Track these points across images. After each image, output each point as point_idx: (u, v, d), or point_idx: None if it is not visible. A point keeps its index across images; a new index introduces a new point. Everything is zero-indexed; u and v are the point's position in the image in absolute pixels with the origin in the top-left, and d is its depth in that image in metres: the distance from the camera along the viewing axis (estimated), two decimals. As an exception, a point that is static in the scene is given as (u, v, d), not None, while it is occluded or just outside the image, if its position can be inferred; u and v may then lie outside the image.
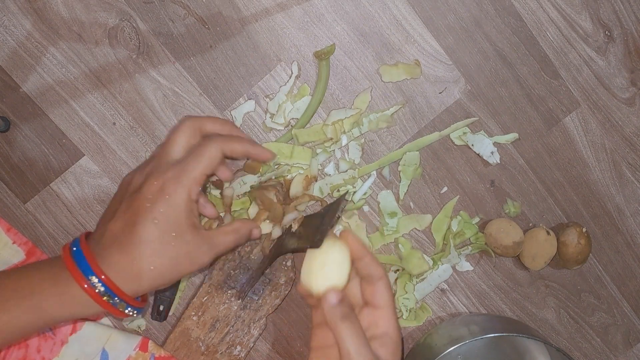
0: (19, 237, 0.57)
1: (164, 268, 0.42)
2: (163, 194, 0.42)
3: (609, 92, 0.62)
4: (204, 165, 0.44)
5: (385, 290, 0.44)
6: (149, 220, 0.41)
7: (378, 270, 0.44)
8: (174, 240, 0.42)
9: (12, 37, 0.57)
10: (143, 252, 0.41)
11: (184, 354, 0.58)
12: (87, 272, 0.41)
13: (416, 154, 0.60)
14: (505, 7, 0.59)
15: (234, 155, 0.46)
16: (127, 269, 0.41)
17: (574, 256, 0.61)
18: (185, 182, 0.43)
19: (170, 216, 0.42)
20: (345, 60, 0.59)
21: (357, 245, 0.45)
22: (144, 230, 0.41)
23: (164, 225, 0.42)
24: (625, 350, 0.67)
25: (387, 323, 0.43)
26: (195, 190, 0.43)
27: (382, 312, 0.43)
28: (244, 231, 0.48)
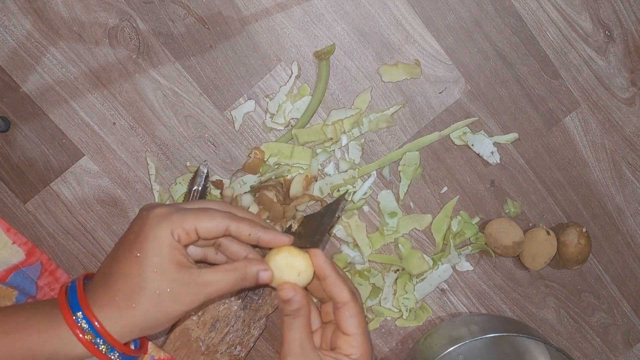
0: (19, 237, 0.57)
1: (145, 306, 0.39)
2: (146, 228, 0.40)
3: (609, 92, 0.62)
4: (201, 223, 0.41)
5: (350, 317, 0.42)
6: (131, 254, 0.40)
7: (342, 295, 0.43)
8: (156, 277, 0.39)
9: (12, 37, 0.57)
10: (123, 288, 0.39)
11: (184, 354, 0.58)
12: (74, 308, 0.39)
13: (416, 154, 0.60)
14: (505, 7, 0.59)
15: (242, 237, 0.43)
16: (111, 307, 0.39)
17: (574, 256, 0.61)
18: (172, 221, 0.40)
19: (151, 251, 0.39)
20: (345, 60, 0.59)
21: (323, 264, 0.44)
22: (125, 265, 0.40)
23: (145, 260, 0.39)
24: (625, 350, 0.67)
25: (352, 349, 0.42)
26: (182, 235, 0.40)
27: (350, 339, 0.42)
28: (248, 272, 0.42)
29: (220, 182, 0.59)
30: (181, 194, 0.59)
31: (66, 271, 0.60)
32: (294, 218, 0.59)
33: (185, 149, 0.60)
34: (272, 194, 0.57)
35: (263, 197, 0.57)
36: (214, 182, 0.59)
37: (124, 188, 0.60)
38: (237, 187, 0.59)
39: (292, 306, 0.42)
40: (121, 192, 0.60)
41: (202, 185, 0.58)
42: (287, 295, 0.42)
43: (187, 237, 0.41)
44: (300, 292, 0.43)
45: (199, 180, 0.58)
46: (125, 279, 0.39)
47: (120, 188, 0.60)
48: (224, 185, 0.60)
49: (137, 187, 0.60)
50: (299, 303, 0.42)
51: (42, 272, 0.58)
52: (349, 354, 0.42)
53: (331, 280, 0.43)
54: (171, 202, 0.60)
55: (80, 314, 0.39)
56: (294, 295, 0.42)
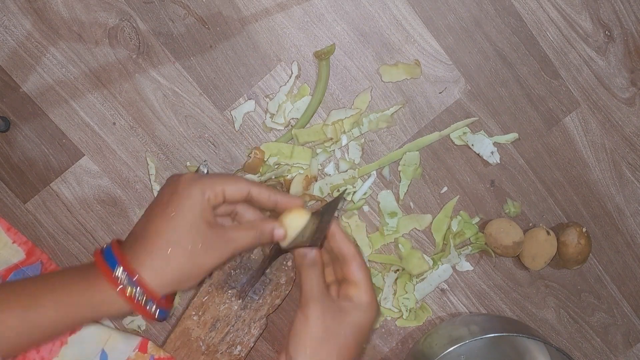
0: (19, 237, 0.57)
1: (180, 259, 0.42)
2: (179, 190, 0.44)
3: (609, 92, 0.62)
4: (227, 186, 0.45)
5: (359, 268, 0.47)
6: (165, 214, 0.43)
7: (349, 249, 0.47)
8: (188, 233, 0.43)
9: (12, 37, 0.57)
10: (157, 244, 0.42)
11: (184, 354, 0.58)
12: (112, 264, 0.42)
13: (416, 154, 0.60)
14: (505, 7, 0.59)
15: (261, 201, 0.47)
16: (148, 261, 0.42)
17: (574, 256, 0.61)
18: (202, 183, 0.44)
19: (185, 209, 0.43)
20: (345, 60, 0.59)
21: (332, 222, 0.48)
22: (159, 223, 0.43)
23: (179, 218, 0.43)
24: (625, 350, 0.67)
25: (360, 295, 0.46)
26: (211, 196, 0.44)
27: (356, 286, 0.46)
28: (265, 229, 0.47)
29: (220, 182, 0.59)
30: (181, 194, 0.59)
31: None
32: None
33: (185, 149, 0.60)
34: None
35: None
36: (214, 182, 0.59)
37: (124, 188, 0.60)
38: (237, 187, 0.59)
39: (308, 259, 0.46)
40: (121, 192, 0.60)
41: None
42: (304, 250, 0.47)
43: (215, 198, 0.44)
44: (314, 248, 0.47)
45: (199, 180, 0.58)
46: (161, 236, 0.42)
47: (120, 188, 0.60)
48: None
49: (137, 187, 0.60)
50: (314, 257, 0.46)
51: (42, 272, 0.58)
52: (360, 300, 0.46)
53: (339, 237, 0.47)
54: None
55: (119, 269, 0.41)
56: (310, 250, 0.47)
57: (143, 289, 0.42)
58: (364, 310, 0.46)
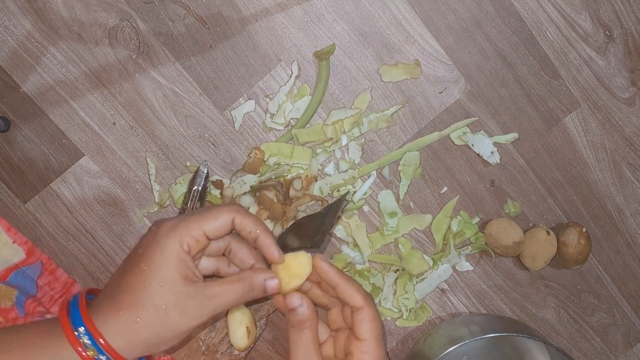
0: (19, 237, 0.58)
1: (151, 320, 0.38)
2: (154, 241, 0.40)
3: (609, 92, 0.62)
4: (208, 224, 0.40)
5: (365, 322, 0.41)
6: (137, 267, 0.39)
7: (356, 300, 0.42)
8: (161, 290, 0.38)
9: (12, 37, 0.57)
10: (128, 301, 0.38)
11: (184, 354, 0.58)
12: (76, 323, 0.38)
13: (416, 154, 0.60)
14: (505, 7, 0.59)
15: (243, 232, 0.42)
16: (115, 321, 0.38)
17: (574, 256, 0.61)
18: (179, 231, 0.40)
19: (158, 264, 0.39)
20: (345, 60, 0.59)
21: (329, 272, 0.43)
22: (131, 277, 0.39)
23: (152, 273, 0.39)
24: (625, 350, 0.67)
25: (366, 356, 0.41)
26: (191, 243, 0.40)
27: (364, 344, 0.42)
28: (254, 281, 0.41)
29: (220, 182, 0.59)
30: (181, 194, 0.59)
31: (66, 271, 0.60)
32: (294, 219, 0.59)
33: (185, 149, 0.60)
34: (272, 194, 0.57)
35: (263, 197, 0.57)
36: (214, 182, 0.59)
37: (124, 188, 0.60)
38: (237, 187, 0.59)
39: (297, 316, 0.42)
40: (121, 192, 0.60)
41: (202, 185, 0.58)
42: (294, 304, 0.42)
43: (197, 244, 0.40)
44: (306, 302, 0.42)
45: (199, 180, 0.58)
46: (131, 292, 0.39)
47: (120, 188, 0.60)
48: (224, 185, 0.60)
49: (137, 187, 0.60)
50: (305, 314, 0.42)
51: (42, 272, 0.58)
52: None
53: (342, 288, 0.42)
54: (171, 202, 0.60)
55: (82, 329, 0.38)
56: (300, 305, 0.42)
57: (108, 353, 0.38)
58: None
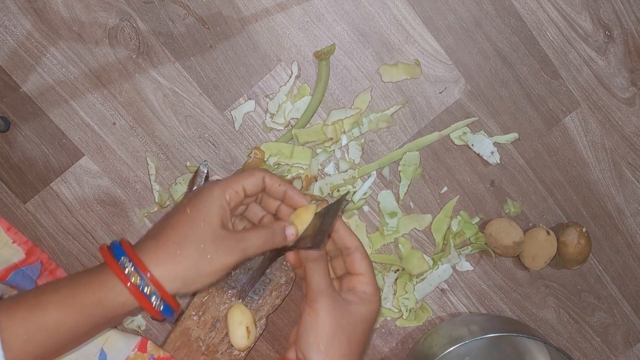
0: (19, 237, 0.57)
1: (191, 253, 0.42)
2: (200, 192, 0.45)
3: (609, 92, 0.62)
4: (245, 181, 0.46)
5: (362, 259, 0.48)
6: (182, 211, 0.44)
7: (353, 241, 0.48)
8: (202, 229, 0.43)
9: (12, 37, 0.57)
10: (171, 237, 0.42)
11: (184, 354, 0.58)
12: (118, 254, 0.42)
13: (416, 154, 0.60)
14: (505, 7, 0.59)
15: (273, 188, 0.48)
16: (157, 252, 0.42)
17: (574, 256, 0.61)
18: (223, 184, 0.45)
19: (202, 207, 0.44)
20: (345, 60, 0.59)
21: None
22: (175, 219, 0.44)
23: (195, 214, 0.43)
24: (625, 350, 0.67)
25: (365, 286, 0.47)
26: (232, 194, 0.45)
27: (361, 277, 0.48)
28: (276, 227, 0.47)
29: (220, 182, 0.59)
30: (181, 194, 0.59)
31: (66, 271, 0.60)
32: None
33: (185, 149, 0.60)
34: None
35: (263, 197, 0.57)
36: (214, 182, 0.59)
37: (124, 188, 0.60)
38: (237, 187, 0.59)
39: (313, 254, 0.47)
40: (121, 192, 0.60)
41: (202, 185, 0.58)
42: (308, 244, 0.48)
43: (237, 196, 0.46)
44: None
45: (199, 180, 0.58)
46: (174, 230, 0.43)
47: (120, 188, 0.60)
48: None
49: (137, 187, 0.60)
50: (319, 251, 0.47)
51: (42, 272, 0.58)
52: (364, 290, 0.47)
53: (342, 231, 0.49)
54: (171, 202, 0.60)
55: (125, 258, 0.41)
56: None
57: (150, 280, 0.41)
58: (369, 301, 0.47)
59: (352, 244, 0.48)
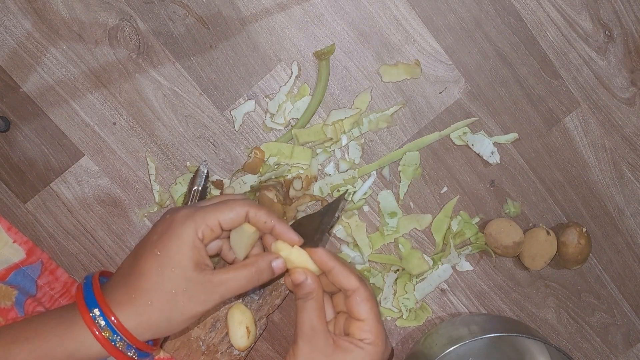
0: (20, 236, 0.57)
1: (162, 304, 0.40)
2: (170, 228, 0.41)
3: (609, 92, 0.62)
4: (222, 216, 0.42)
5: (363, 302, 0.43)
6: (151, 253, 0.41)
7: (350, 282, 0.43)
8: (173, 275, 0.40)
9: (12, 37, 0.57)
10: (141, 285, 0.40)
11: (184, 354, 0.58)
12: (91, 305, 0.40)
13: (416, 154, 0.60)
14: (505, 7, 0.59)
15: (259, 224, 0.44)
16: (129, 304, 0.40)
17: (574, 256, 0.61)
18: (195, 220, 0.41)
19: (172, 250, 0.40)
20: (345, 60, 0.59)
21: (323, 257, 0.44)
22: (145, 262, 0.41)
23: (165, 258, 0.40)
24: (625, 350, 0.67)
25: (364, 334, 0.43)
26: (206, 232, 0.41)
27: (360, 324, 0.43)
28: (261, 265, 0.43)
29: (220, 182, 0.59)
30: (181, 194, 0.60)
31: (66, 271, 0.60)
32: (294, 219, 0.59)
33: (185, 149, 0.60)
34: (272, 194, 0.57)
35: (263, 197, 0.57)
36: (214, 182, 0.59)
37: (124, 188, 0.60)
38: (237, 187, 0.59)
39: (303, 289, 0.43)
40: (121, 192, 0.60)
41: (202, 185, 0.58)
42: (299, 279, 0.44)
43: (211, 233, 0.42)
44: (311, 276, 0.44)
45: (199, 180, 0.58)
46: (144, 277, 0.40)
47: (120, 188, 0.60)
48: (224, 185, 0.60)
49: (137, 187, 0.60)
50: (311, 286, 0.43)
51: (42, 271, 0.58)
52: (363, 338, 0.43)
53: (336, 271, 0.44)
54: (171, 202, 0.60)
55: (97, 310, 0.39)
56: (305, 279, 0.43)
57: (122, 333, 0.39)
58: (365, 351, 0.42)
59: (350, 286, 0.43)
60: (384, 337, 0.43)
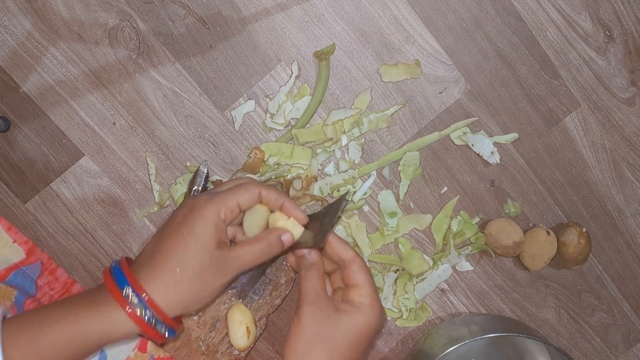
0: (20, 236, 0.57)
1: (189, 280, 0.42)
2: (195, 210, 0.44)
3: (609, 92, 0.62)
4: (240, 197, 0.45)
5: (359, 270, 0.47)
6: (176, 233, 0.43)
7: (347, 253, 0.48)
8: (198, 253, 0.43)
9: (12, 37, 0.57)
10: (168, 263, 0.42)
11: (184, 354, 0.58)
12: (122, 284, 0.41)
13: (416, 154, 0.60)
14: (505, 7, 0.59)
15: (270, 202, 0.47)
16: (157, 282, 0.42)
17: (574, 256, 0.61)
18: (217, 202, 0.44)
19: (197, 230, 0.43)
20: (345, 60, 0.59)
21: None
22: (170, 243, 0.43)
23: (190, 237, 0.43)
24: (625, 350, 0.67)
25: (362, 297, 0.46)
26: (227, 212, 0.44)
27: (358, 289, 0.47)
28: (271, 239, 0.47)
29: (220, 182, 0.59)
30: (181, 194, 0.60)
31: (66, 270, 0.60)
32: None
33: (185, 149, 0.60)
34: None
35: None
36: (214, 182, 0.59)
37: (124, 188, 0.60)
38: (237, 187, 0.59)
39: (307, 261, 0.47)
40: (121, 192, 0.60)
41: (202, 185, 0.58)
42: (303, 251, 0.48)
43: (231, 213, 0.45)
44: (314, 250, 0.48)
45: (199, 180, 0.58)
46: (171, 256, 0.42)
47: (120, 188, 0.60)
48: (224, 185, 0.60)
49: (137, 187, 0.60)
50: (314, 258, 0.47)
51: (42, 272, 0.58)
52: (361, 302, 0.46)
53: (335, 244, 0.48)
54: (171, 202, 0.60)
55: (128, 288, 0.41)
56: (309, 252, 0.48)
57: (153, 309, 0.41)
58: (364, 313, 0.46)
59: (347, 256, 0.48)
60: (379, 301, 0.47)
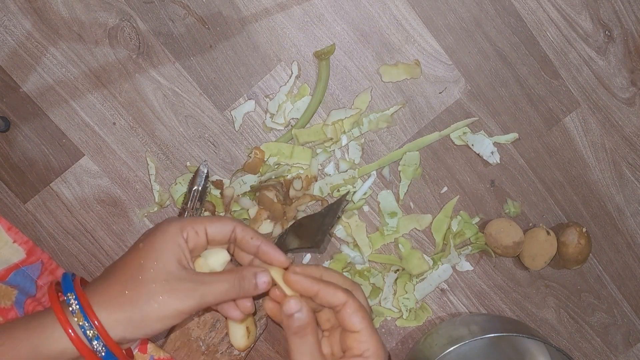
0: (20, 236, 0.57)
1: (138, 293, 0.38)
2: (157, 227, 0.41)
3: (609, 92, 0.62)
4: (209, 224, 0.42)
5: (354, 314, 0.40)
6: (135, 248, 0.40)
7: (337, 297, 0.41)
8: (154, 267, 0.39)
9: (12, 37, 0.57)
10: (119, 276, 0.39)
11: (184, 354, 0.58)
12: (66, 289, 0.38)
13: (416, 154, 0.60)
14: (505, 7, 0.59)
15: (244, 242, 0.43)
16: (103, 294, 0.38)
17: (574, 256, 0.61)
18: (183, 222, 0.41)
19: (156, 243, 0.40)
20: (345, 60, 0.59)
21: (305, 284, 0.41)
22: (126, 256, 0.40)
23: (148, 251, 0.39)
24: (625, 350, 0.67)
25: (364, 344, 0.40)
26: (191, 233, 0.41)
27: (358, 335, 0.41)
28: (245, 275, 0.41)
29: (220, 182, 0.59)
30: (181, 194, 0.59)
31: (66, 270, 0.60)
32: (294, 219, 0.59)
33: (185, 149, 0.60)
34: (272, 194, 0.57)
35: (263, 197, 0.57)
36: (214, 182, 0.59)
37: (124, 188, 0.60)
38: (237, 187, 0.59)
39: (296, 322, 0.40)
40: (121, 192, 0.60)
41: (202, 185, 0.58)
42: (292, 309, 0.40)
43: (195, 236, 0.41)
44: (305, 307, 0.41)
45: (199, 180, 0.58)
46: (124, 268, 0.39)
47: (120, 188, 0.60)
48: (224, 185, 0.60)
49: (137, 187, 0.60)
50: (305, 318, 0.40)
51: (42, 272, 0.58)
52: (362, 351, 0.40)
53: (321, 293, 0.41)
54: (171, 202, 0.60)
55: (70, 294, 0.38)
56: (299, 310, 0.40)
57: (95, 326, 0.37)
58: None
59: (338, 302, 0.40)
60: (382, 344, 0.41)
